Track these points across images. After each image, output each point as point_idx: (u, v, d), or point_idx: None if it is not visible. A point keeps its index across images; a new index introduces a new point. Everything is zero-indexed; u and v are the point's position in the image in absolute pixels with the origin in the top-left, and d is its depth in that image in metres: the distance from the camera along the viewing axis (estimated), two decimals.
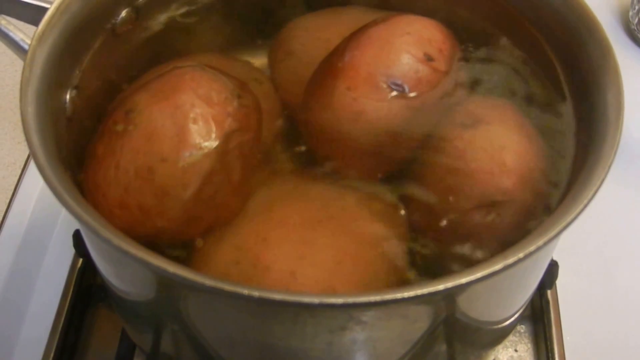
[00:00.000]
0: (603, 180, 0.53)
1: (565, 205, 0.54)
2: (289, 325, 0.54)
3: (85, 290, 0.85)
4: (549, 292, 0.82)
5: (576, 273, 0.86)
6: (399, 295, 0.48)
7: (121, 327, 0.82)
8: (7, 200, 0.90)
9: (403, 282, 0.60)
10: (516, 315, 0.70)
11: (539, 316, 0.82)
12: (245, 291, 0.48)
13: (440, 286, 0.48)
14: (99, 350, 0.82)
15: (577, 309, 0.84)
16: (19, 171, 0.92)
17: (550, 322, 0.80)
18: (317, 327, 0.53)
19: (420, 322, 0.55)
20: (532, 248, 0.50)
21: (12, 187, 0.91)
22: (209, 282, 0.48)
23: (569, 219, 0.51)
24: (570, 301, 0.83)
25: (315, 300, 0.48)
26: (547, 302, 0.81)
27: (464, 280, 0.48)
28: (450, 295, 0.53)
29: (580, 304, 0.85)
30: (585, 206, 0.52)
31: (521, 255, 0.50)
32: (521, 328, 0.82)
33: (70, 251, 0.84)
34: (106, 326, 0.84)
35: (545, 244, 0.51)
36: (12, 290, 0.86)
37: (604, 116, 0.58)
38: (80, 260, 0.85)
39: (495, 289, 0.59)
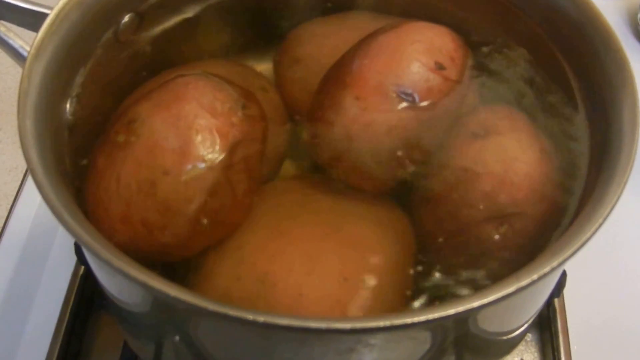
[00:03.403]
0: (619, 196, 0.52)
1: (580, 222, 0.52)
2: (295, 347, 0.53)
3: (88, 298, 0.84)
4: (556, 300, 0.80)
5: (584, 281, 0.84)
6: (408, 320, 0.46)
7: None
8: (9, 206, 0.89)
9: (412, 297, 0.59)
10: (526, 326, 0.69)
11: (546, 325, 0.80)
12: (250, 316, 0.46)
13: (451, 311, 0.47)
14: (101, 358, 0.81)
15: (585, 317, 0.83)
16: (21, 176, 0.91)
17: (557, 330, 0.79)
18: (324, 350, 0.52)
19: (430, 343, 0.54)
20: (546, 269, 0.48)
21: (14, 193, 0.90)
22: (212, 306, 0.47)
23: (584, 238, 0.50)
24: (577, 309, 0.82)
25: (323, 325, 0.46)
26: (555, 310, 0.80)
27: (476, 304, 0.47)
28: (461, 318, 0.52)
29: (588, 312, 0.83)
30: (601, 224, 0.50)
31: (535, 277, 0.48)
32: (528, 337, 0.80)
33: (72, 258, 0.82)
34: (109, 334, 0.82)
35: (560, 264, 0.49)
36: (14, 296, 0.85)
37: (619, 130, 0.57)
38: (82, 267, 0.84)
39: (508, 307, 0.58)
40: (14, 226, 0.89)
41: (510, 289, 0.47)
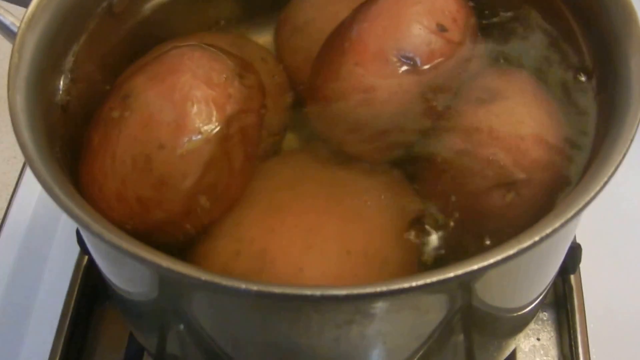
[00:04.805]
0: (625, 153, 0.50)
1: (584, 183, 0.50)
2: (292, 321, 0.51)
3: (91, 288, 0.82)
4: (572, 277, 0.78)
5: (601, 257, 0.81)
6: (406, 284, 0.45)
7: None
8: (9, 197, 0.88)
9: (419, 269, 0.57)
10: (537, 302, 0.66)
11: (562, 303, 0.78)
12: (243, 285, 0.45)
13: (450, 274, 0.45)
14: (106, 352, 0.80)
15: (602, 295, 0.80)
16: (20, 165, 0.90)
17: (573, 309, 0.77)
18: (322, 322, 0.50)
19: (432, 313, 0.52)
20: (548, 230, 0.47)
21: (14, 183, 0.88)
22: (205, 276, 0.46)
23: (587, 198, 0.48)
24: (594, 287, 0.79)
25: (317, 292, 0.45)
26: (571, 288, 0.78)
27: (475, 266, 0.45)
28: (463, 283, 0.50)
29: (605, 289, 0.81)
30: (606, 183, 0.48)
31: (537, 238, 0.46)
32: (544, 315, 0.78)
33: (75, 248, 0.81)
34: (114, 327, 0.81)
35: (563, 225, 0.47)
36: (16, 289, 0.84)
37: (627, 86, 0.54)
38: (86, 257, 0.83)
39: (513, 275, 0.56)
40: (14, 217, 0.88)
41: (512, 250, 0.46)
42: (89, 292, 0.82)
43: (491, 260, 0.45)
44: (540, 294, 0.66)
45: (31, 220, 0.88)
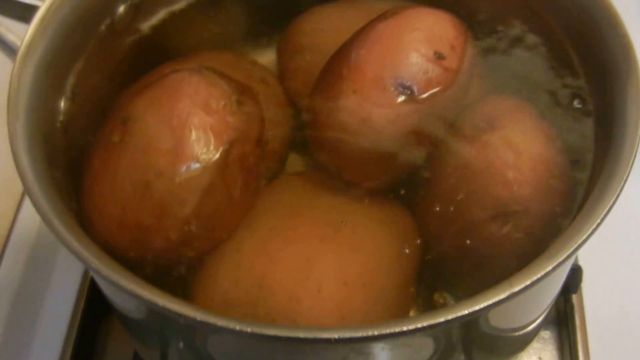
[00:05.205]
0: (620, 191, 0.50)
1: (576, 223, 0.50)
2: (288, 353, 0.52)
3: (98, 301, 0.82)
4: (573, 296, 0.78)
5: (602, 276, 0.81)
6: (397, 329, 0.45)
7: None
8: (15, 210, 0.88)
9: (414, 300, 0.58)
10: (538, 321, 0.67)
11: (564, 321, 0.79)
12: (237, 327, 0.46)
13: (440, 319, 0.45)
14: None
15: (604, 314, 0.80)
16: None
17: (575, 328, 0.77)
18: (317, 358, 0.51)
19: (425, 350, 0.53)
20: (540, 274, 0.47)
21: (20, 193, 0.88)
22: (200, 316, 0.47)
23: (580, 240, 0.48)
24: (596, 306, 0.79)
25: (310, 335, 0.46)
26: (572, 307, 0.78)
27: (466, 311, 0.46)
28: (454, 326, 0.50)
29: (606, 308, 0.80)
30: (599, 225, 0.49)
31: (528, 282, 0.47)
32: (545, 334, 0.78)
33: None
34: (120, 341, 0.81)
35: (555, 268, 0.47)
36: (22, 302, 0.84)
37: (623, 117, 0.55)
38: None
39: (509, 308, 0.56)
40: (20, 228, 0.88)
41: (502, 295, 0.46)
42: (96, 306, 0.81)
43: (482, 305, 0.46)
44: (542, 314, 0.66)
45: (38, 231, 0.88)
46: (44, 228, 0.86)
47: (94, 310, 0.81)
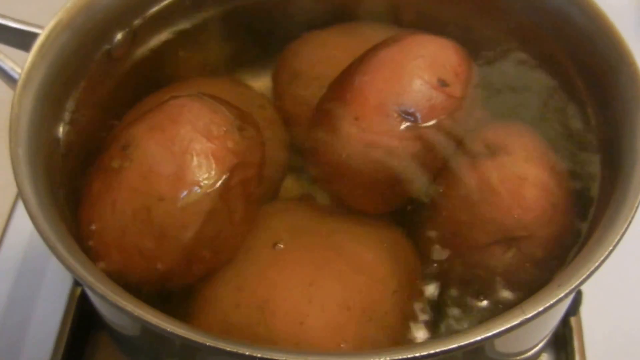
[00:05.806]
0: (627, 228, 0.50)
1: (588, 250, 0.51)
2: None
3: (86, 316, 0.81)
4: (572, 319, 0.78)
5: (601, 299, 0.81)
6: (396, 356, 0.45)
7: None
8: (4, 224, 0.87)
9: (417, 324, 0.57)
10: (540, 345, 0.67)
11: (562, 344, 0.78)
12: (247, 351, 0.46)
13: (453, 344, 0.46)
14: None
15: (602, 336, 0.80)
16: (15, 193, 0.89)
17: (573, 350, 0.76)
18: None
19: None
20: (552, 300, 0.47)
21: (8, 211, 0.88)
22: (209, 341, 0.46)
23: (591, 268, 0.49)
24: (595, 328, 0.79)
25: None
26: (571, 329, 0.77)
27: (479, 337, 0.46)
28: (455, 354, 0.50)
29: (605, 331, 0.80)
30: (611, 252, 0.49)
31: (540, 308, 0.47)
32: (543, 357, 0.78)
33: (69, 276, 0.80)
34: (109, 353, 0.79)
35: (567, 295, 0.48)
36: (10, 317, 0.82)
37: (632, 143, 0.55)
38: (80, 288, 0.81)
39: (510, 337, 0.56)
40: (9, 245, 0.87)
41: (515, 321, 0.46)
42: (84, 320, 0.80)
43: (489, 334, 0.46)
44: (544, 338, 0.67)
45: (27, 247, 0.86)
46: (34, 240, 0.86)
47: (83, 323, 0.80)
